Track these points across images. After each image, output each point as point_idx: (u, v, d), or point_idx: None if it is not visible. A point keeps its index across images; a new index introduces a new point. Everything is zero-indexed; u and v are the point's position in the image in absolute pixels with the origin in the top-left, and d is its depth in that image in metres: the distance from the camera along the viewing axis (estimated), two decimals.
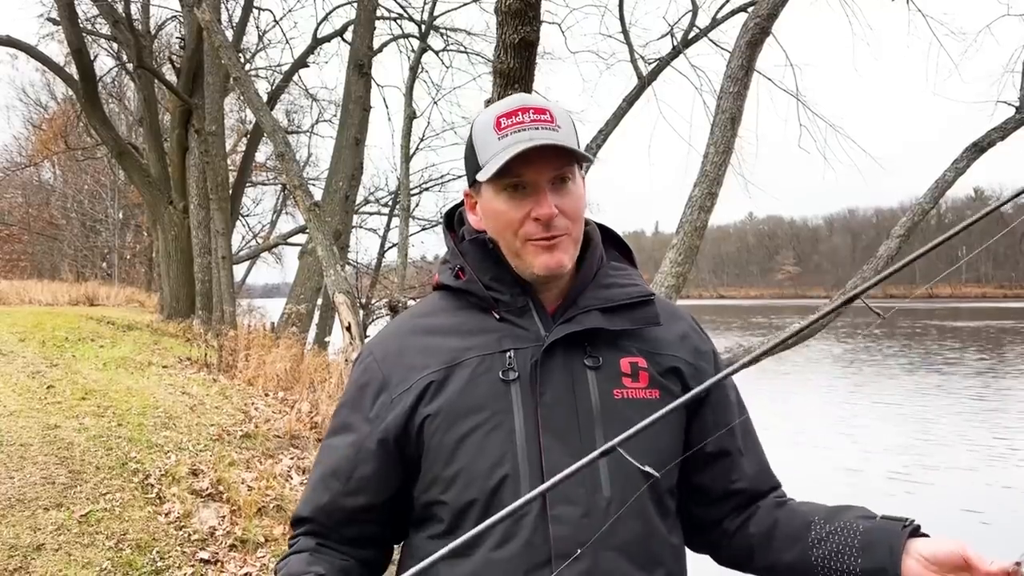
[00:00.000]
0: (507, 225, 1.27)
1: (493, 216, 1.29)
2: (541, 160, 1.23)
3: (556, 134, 1.24)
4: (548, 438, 1.21)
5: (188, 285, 14.88)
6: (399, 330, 1.37)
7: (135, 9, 16.17)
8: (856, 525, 1.22)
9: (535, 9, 3.63)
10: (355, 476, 1.29)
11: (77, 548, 4.24)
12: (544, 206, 1.24)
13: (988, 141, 5.54)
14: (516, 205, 1.25)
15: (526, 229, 1.25)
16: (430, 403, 1.24)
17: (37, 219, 33.78)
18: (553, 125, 1.25)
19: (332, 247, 6.51)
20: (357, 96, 14.05)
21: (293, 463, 6.34)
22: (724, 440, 1.35)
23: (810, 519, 1.28)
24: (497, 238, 1.30)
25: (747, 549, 1.34)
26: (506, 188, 1.26)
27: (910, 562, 1.15)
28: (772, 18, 4.81)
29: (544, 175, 1.24)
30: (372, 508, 1.31)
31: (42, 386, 7.10)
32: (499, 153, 1.24)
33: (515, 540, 1.18)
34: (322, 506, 1.32)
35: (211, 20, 7.63)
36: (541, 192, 1.24)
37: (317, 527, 1.32)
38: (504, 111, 1.27)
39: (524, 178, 1.24)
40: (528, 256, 1.27)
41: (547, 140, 1.22)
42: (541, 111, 1.26)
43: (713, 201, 4.77)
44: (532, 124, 1.25)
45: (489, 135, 1.27)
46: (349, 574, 1.30)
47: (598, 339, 1.28)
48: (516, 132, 1.24)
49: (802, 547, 1.26)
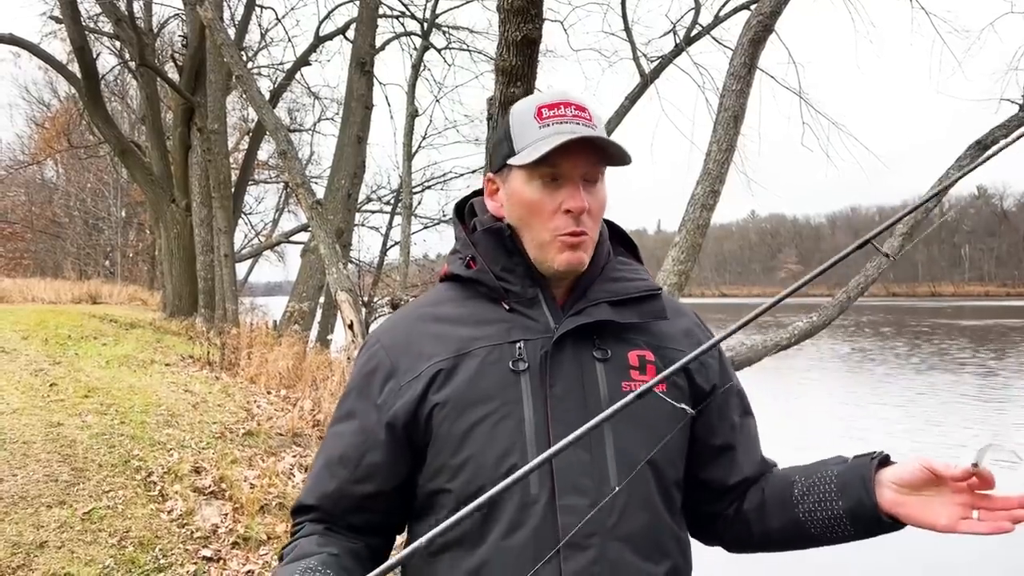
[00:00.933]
0: (536, 214, 1.28)
1: (522, 203, 1.29)
2: (579, 155, 1.25)
3: (594, 132, 1.26)
4: (557, 429, 1.21)
5: (191, 283, 14.90)
6: (406, 318, 1.37)
7: (137, 7, 16.18)
8: (831, 472, 1.27)
9: (537, 7, 3.62)
10: (364, 463, 1.29)
11: (80, 545, 4.24)
12: (577, 199, 1.25)
13: (992, 139, 5.53)
14: (549, 195, 1.27)
15: (557, 222, 1.27)
16: (439, 391, 1.24)
17: (40, 217, 33.85)
18: (592, 124, 1.27)
19: (334, 245, 6.52)
20: (359, 94, 14.05)
21: (295, 461, 6.34)
22: (729, 435, 1.38)
23: (791, 479, 1.32)
24: (521, 226, 1.31)
25: (745, 526, 1.36)
26: (541, 177, 1.27)
27: (884, 491, 1.19)
28: (775, 16, 4.80)
29: (580, 169, 1.26)
30: (380, 495, 1.30)
31: (45, 384, 7.11)
32: (539, 141, 1.25)
33: (523, 529, 1.19)
34: (328, 493, 1.31)
35: (213, 18, 7.63)
36: (574, 185, 1.26)
37: (323, 515, 1.32)
38: (547, 102, 1.28)
39: (560, 169, 1.26)
40: (552, 250, 1.28)
41: (588, 135, 1.24)
42: (582, 108, 1.28)
43: (716, 199, 4.77)
44: (573, 118, 1.26)
45: (529, 123, 1.28)
46: (360, 556, 1.29)
47: (606, 332, 1.29)
48: (558, 124, 1.26)
49: (789, 507, 1.30)
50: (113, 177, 31.23)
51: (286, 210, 27.27)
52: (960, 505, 1.12)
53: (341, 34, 17.63)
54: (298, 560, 1.22)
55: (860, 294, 5.45)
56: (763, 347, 5.04)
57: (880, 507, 1.18)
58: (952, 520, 1.12)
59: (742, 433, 1.40)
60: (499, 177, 1.35)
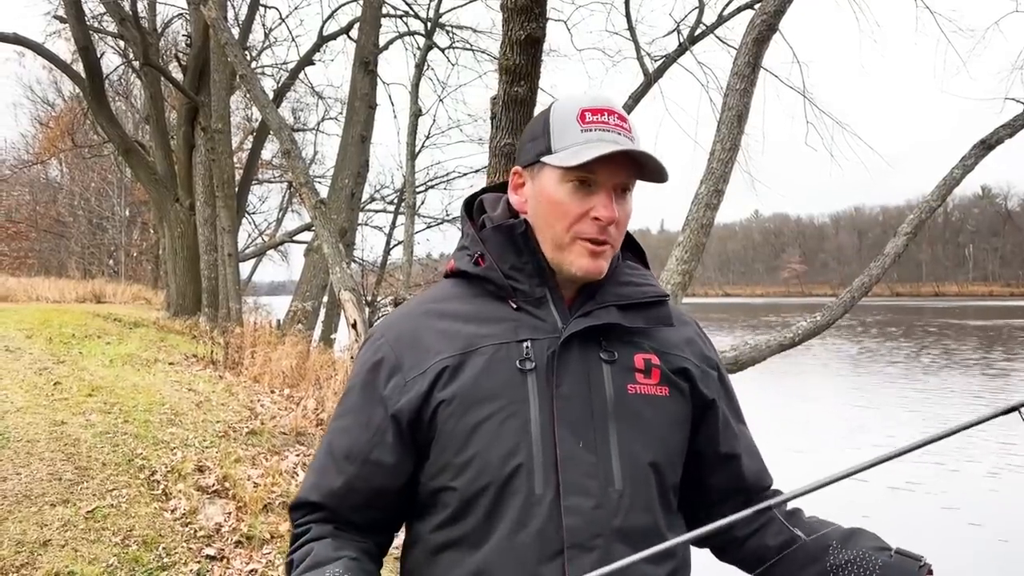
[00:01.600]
0: (563, 216, 1.27)
1: (549, 203, 1.28)
2: (617, 165, 1.25)
3: (633, 145, 1.26)
4: (563, 429, 1.21)
5: (194, 282, 14.93)
6: (412, 313, 1.35)
7: (141, 7, 16.20)
8: (874, 559, 1.24)
9: (541, 6, 3.63)
10: (371, 459, 1.27)
11: (84, 544, 4.25)
12: (608, 209, 1.25)
13: (996, 138, 5.51)
14: (579, 200, 1.26)
15: (581, 226, 1.26)
16: (445, 388, 1.24)
17: (44, 216, 33.93)
18: (631, 136, 1.27)
19: (338, 245, 6.52)
20: (363, 94, 14.06)
21: (299, 460, 6.35)
22: (732, 443, 1.39)
23: (827, 543, 1.29)
24: (543, 224, 1.30)
25: (759, 559, 1.35)
26: (574, 180, 1.26)
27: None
28: (779, 15, 4.79)
29: (614, 179, 1.26)
30: (386, 493, 1.29)
31: (49, 383, 7.12)
32: (582, 145, 1.24)
33: (527, 529, 1.19)
34: (334, 490, 1.29)
35: (217, 18, 7.64)
36: (607, 194, 1.26)
37: (328, 513, 1.30)
38: (590, 106, 1.28)
39: (597, 176, 1.25)
40: (573, 254, 1.27)
41: (631, 147, 1.24)
42: (624, 119, 1.28)
43: (719, 199, 4.76)
44: (616, 128, 1.26)
45: (571, 124, 1.27)
46: (373, 556, 1.29)
47: (612, 335, 1.29)
48: (601, 131, 1.25)
49: (820, 570, 1.28)
50: (117, 176, 31.30)
51: (290, 209, 27.32)
52: None
53: (345, 33, 17.63)
54: (318, 568, 1.19)
55: (864, 294, 5.44)
56: (767, 347, 5.04)
57: None
58: None
59: (744, 440, 1.42)
60: (528, 172, 1.33)
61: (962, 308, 59.48)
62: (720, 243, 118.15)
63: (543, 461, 1.20)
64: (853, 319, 40.04)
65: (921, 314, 50.71)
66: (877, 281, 5.53)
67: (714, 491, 1.40)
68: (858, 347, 28.05)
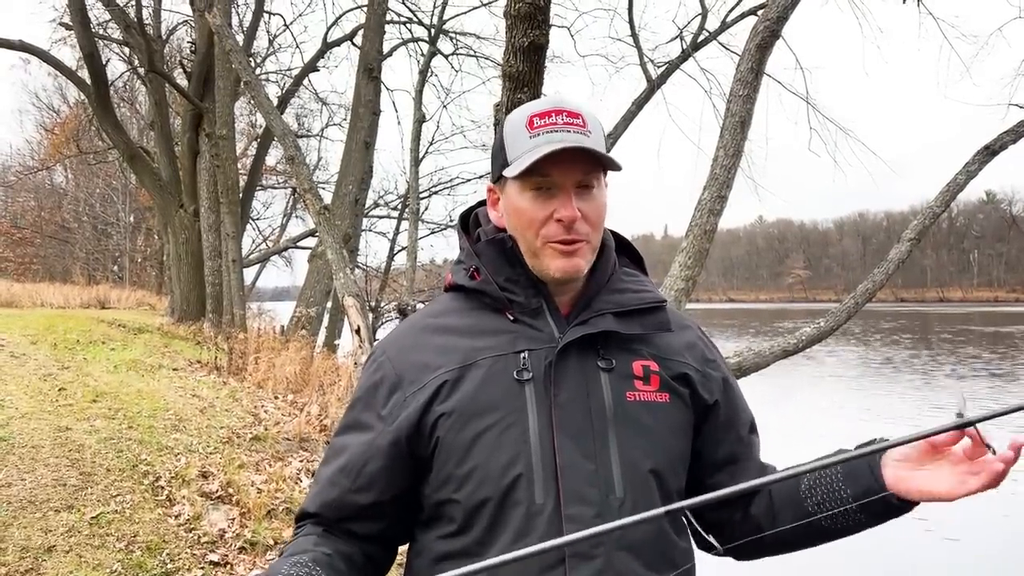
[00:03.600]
0: (529, 224, 1.28)
1: (516, 213, 1.30)
2: (569, 163, 1.24)
3: (587, 139, 1.25)
4: (562, 438, 1.22)
5: (198, 288, 14.95)
6: (412, 329, 1.37)
7: (147, 14, 16.29)
8: (835, 476, 1.26)
9: (544, 13, 3.64)
10: (364, 472, 1.29)
11: (88, 550, 4.25)
12: (568, 208, 1.25)
13: (1000, 144, 5.50)
14: (540, 205, 1.26)
15: (547, 230, 1.26)
16: (444, 402, 1.25)
17: (49, 222, 34.03)
18: (585, 130, 1.26)
19: (342, 250, 6.53)
20: (367, 100, 14.10)
21: (303, 465, 6.35)
22: (736, 447, 1.39)
23: (798, 484, 1.31)
24: (517, 236, 1.31)
25: (756, 529, 1.36)
26: (532, 187, 1.27)
27: (887, 471, 1.19)
28: (782, 21, 4.79)
29: (571, 178, 1.26)
30: (379, 505, 1.31)
31: (54, 388, 7.13)
32: (529, 151, 1.25)
33: (529, 539, 1.19)
34: (329, 502, 1.32)
35: (222, 25, 7.67)
36: (566, 194, 1.26)
37: (322, 521, 1.33)
38: (538, 111, 1.28)
39: (551, 178, 1.25)
40: (546, 258, 1.28)
41: (578, 143, 1.23)
42: (574, 115, 1.27)
43: (723, 204, 4.76)
44: (564, 126, 1.26)
45: (520, 133, 1.28)
46: (352, 560, 1.30)
47: (610, 342, 1.29)
48: (548, 132, 1.25)
49: (798, 503, 1.29)
50: (122, 182, 31.37)
51: (294, 215, 27.35)
52: (961, 473, 1.11)
53: (349, 40, 17.69)
54: (292, 555, 1.24)
55: (868, 300, 5.43)
56: (770, 352, 5.03)
57: (887, 487, 1.18)
58: (953, 486, 1.12)
59: (749, 447, 1.41)
60: (498, 187, 1.35)
61: (968, 314, 59.05)
62: (724, 248, 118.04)
63: (543, 470, 1.20)
64: (858, 324, 39.86)
65: (944, 321, 49.98)
66: (881, 287, 5.52)
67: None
68: (880, 354, 27.76)
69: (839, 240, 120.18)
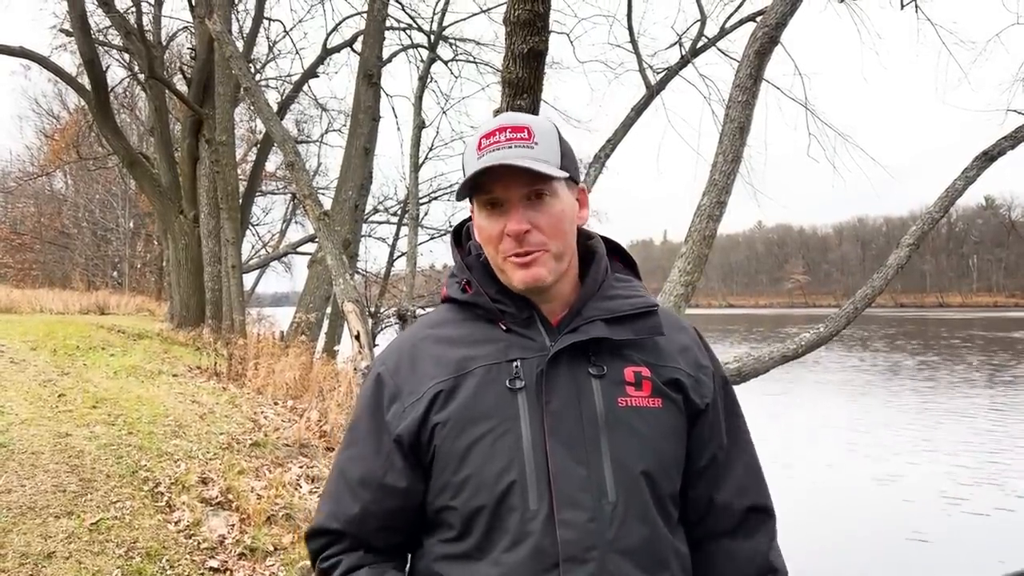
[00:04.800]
0: (488, 240, 1.32)
1: (478, 231, 1.34)
2: (511, 177, 1.27)
3: (531, 151, 1.27)
4: (554, 444, 1.23)
5: (198, 294, 14.95)
6: (410, 340, 1.40)
7: (147, 20, 16.31)
8: None
9: (544, 19, 3.65)
10: (385, 483, 1.31)
11: (88, 556, 4.25)
12: (515, 222, 1.28)
13: (998, 150, 5.52)
14: (493, 221, 1.30)
15: (504, 245, 1.30)
16: (440, 411, 1.27)
17: (49, 228, 34.03)
18: (529, 143, 1.28)
19: (341, 256, 6.53)
20: (366, 106, 14.12)
21: (302, 472, 6.34)
22: (717, 453, 1.39)
23: None
24: (485, 252, 1.35)
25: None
26: (484, 205, 1.30)
27: None
28: (781, 27, 4.81)
29: (515, 191, 1.28)
30: (401, 514, 1.33)
31: (53, 394, 7.13)
32: (473, 172, 1.28)
33: (524, 544, 1.21)
34: (352, 517, 1.33)
35: (222, 31, 7.69)
36: (513, 208, 1.28)
37: (352, 541, 1.34)
38: (486, 131, 1.32)
39: (495, 195, 1.29)
40: (508, 271, 1.31)
41: (513, 160, 1.26)
42: (519, 129, 1.30)
43: (722, 210, 4.77)
44: (507, 143, 1.28)
45: (471, 154, 1.32)
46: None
47: (602, 349, 1.31)
48: (491, 151, 1.28)
49: None
50: (121, 188, 31.41)
51: (293, 221, 27.37)
52: None
53: (348, 46, 17.72)
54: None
55: (867, 305, 5.43)
56: (770, 358, 5.03)
57: None
58: None
59: (730, 455, 1.39)
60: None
61: (970, 319, 58.80)
62: (723, 254, 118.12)
63: (536, 477, 1.22)
64: (864, 330, 39.76)
65: (950, 327, 49.63)
66: (880, 292, 5.52)
67: (696, 505, 1.38)
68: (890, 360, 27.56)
69: (838, 245, 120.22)
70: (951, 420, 14.91)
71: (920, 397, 18.30)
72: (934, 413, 15.84)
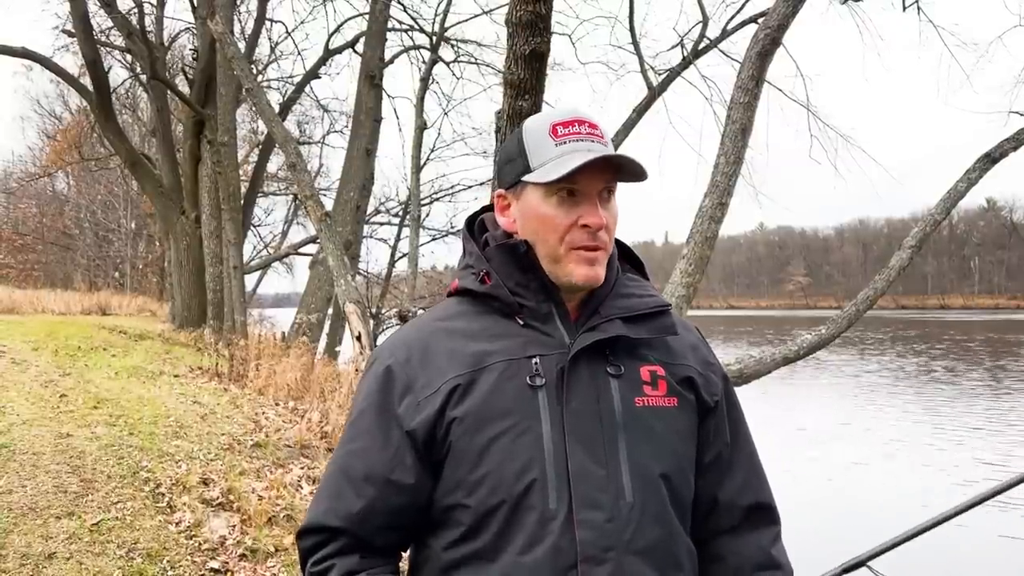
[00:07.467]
0: (553, 229, 1.29)
1: (538, 219, 1.31)
2: (596, 171, 1.27)
3: (607, 150, 1.29)
4: (574, 444, 1.23)
5: (200, 295, 14.96)
6: (419, 332, 1.35)
7: (149, 21, 16.35)
8: None
9: (545, 21, 3.65)
10: (392, 479, 1.27)
11: (88, 557, 4.25)
12: (596, 215, 1.27)
13: (1000, 152, 5.52)
14: (566, 211, 1.28)
15: (573, 236, 1.28)
16: (457, 406, 1.24)
17: (51, 229, 34.07)
18: (604, 141, 1.30)
19: (343, 257, 6.54)
20: (368, 107, 14.14)
21: (303, 473, 6.34)
22: (723, 450, 1.39)
23: None
24: (537, 241, 1.31)
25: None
26: (558, 193, 1.28)
27: None
28: (782, 29, 4.81)
29: (597, 185, 1.28)
30: (407, 512, 1.29)
31: (55, 395, 7.13)
32: (556, 159, 1.27)
33: (542, 544, 1.19)
34: (354, 514, 1.27)
35: (224, 32, 7.70)
36: (592, 201, 1.28)
37: (349, 540, 1.28)
38: (560, 119, 1.30)
39: (579, 186, 1.28)
40: (570, 264, 1.29)
41: (607, 153, 1.26)
42: (594, 125, 1.31)
43: (724, 212, 4.77)
44: (588, 136, 1.29)
45: (544, 140, 1.30)
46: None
47: (618, 348, 1.30)
48: (575, 141, 1.28)
49: None
50: (123, 189, 31.43)
51: (295, 222, 27.33)
52: None
53: (350, 47, 17.72)
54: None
55: (869, 307, 5.43)
56: (771, 360, 5.03)
57: None
58: None
59: (733, 452, 1.40)
60: (511, 193, 1.35)
61: (967, 322, 58.56)
62: (725, 255, 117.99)
63: (556, 476, 1.21)
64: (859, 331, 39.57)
65: (924, 325, 49.68)
66: (882, 294, 5.52)
67: (700, 502, 1.37)
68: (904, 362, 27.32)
69: (840, 247, 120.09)
70: None
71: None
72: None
